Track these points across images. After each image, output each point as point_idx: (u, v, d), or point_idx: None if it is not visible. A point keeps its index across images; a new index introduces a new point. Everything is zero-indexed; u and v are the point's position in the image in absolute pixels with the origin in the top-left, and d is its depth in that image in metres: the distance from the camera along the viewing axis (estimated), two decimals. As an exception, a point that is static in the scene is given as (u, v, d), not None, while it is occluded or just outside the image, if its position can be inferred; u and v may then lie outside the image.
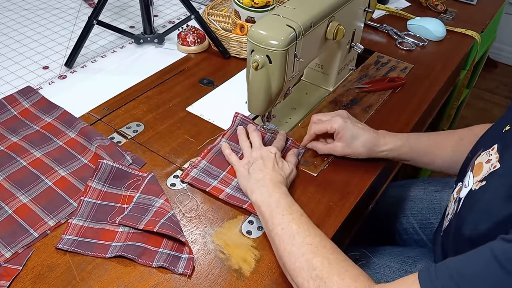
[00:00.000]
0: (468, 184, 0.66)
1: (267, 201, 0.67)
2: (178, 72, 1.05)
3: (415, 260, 0.84)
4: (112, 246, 0.66)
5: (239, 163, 0.77)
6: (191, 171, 0.78)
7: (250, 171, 0.73)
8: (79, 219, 0.69)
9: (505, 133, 0.63)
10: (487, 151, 0.64)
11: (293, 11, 0.77)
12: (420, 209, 0.96)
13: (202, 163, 0.79)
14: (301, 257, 0.59)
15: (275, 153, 0.76)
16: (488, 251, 0.48)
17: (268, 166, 0.72)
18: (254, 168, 0.73)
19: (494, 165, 0.61)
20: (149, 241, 0.67)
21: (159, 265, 0.64)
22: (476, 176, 0.64)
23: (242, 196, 0.74)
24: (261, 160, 0.74)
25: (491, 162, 0.62)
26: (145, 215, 0.69)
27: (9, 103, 0.90)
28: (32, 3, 1.31)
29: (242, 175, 0.74)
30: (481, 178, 0.62)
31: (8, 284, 0.61)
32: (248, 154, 0.77)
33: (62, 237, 0.66)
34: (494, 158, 0.61)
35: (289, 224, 0.63)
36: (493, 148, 0.63)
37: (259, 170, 0.72)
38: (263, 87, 0.78)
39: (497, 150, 0.62)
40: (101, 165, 0.73)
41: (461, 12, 1.36)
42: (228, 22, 1.19)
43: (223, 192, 0.75)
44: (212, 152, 0.81)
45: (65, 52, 1.10)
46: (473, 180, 0.65)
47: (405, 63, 1.11)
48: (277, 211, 0.65)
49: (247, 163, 0.76)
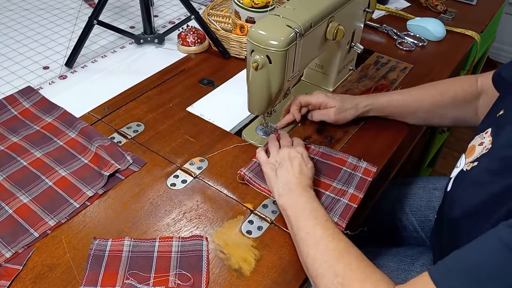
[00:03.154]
0: (459, 165, 0.67)
1: (294, 205, 0.66)
2: (178, 72, 1.05)
3: (413, 259, 0.84)
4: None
5: (266, 162, 0.76)
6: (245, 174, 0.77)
7: (278, 173, 0.72)
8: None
9: (498, 117, 0.65)
10: (481, 134, 0.66)
11: (293, 11, 0.77)
12: (420, 206, 0.97)
13: (247, 173, 0.78)
14: (324, 264, 0.59)
15: (302, 153, 0.75)
16: (497, 240, 0.48)
17: (296, 168, 0.71)
18: (281, 170, 0.72)
19: (486, 147, 0.62)
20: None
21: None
22: (468, 157, 0.66)
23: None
24: (288, 161, 0.72)
25: (484, 145, 0.63)
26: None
27: (9, 103, 0.90)
28: (33, 3, 1.31)
29: (269, 176, 0.73)
30: (473, 159, 0.63)
31: (8, 284, 0.61)
32: (275, 153, 0.76)
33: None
34: (488, 141, 0.63)
35: (314, 228, 0.62)
36: (487, 132, 0.65)
37: (287, 172, 0.71)
38: (263, 87, 0.78)
39: (491, 134, 0.63)
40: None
41: (461, 12, 1.37)
42: (228, 23, 1.19)
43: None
44: (255, 165, 0.79)
45: (65, 52, 1.10)
46: (464, 161, 0.66)
47: (404, 63, 1.11)
48: (303, 214, 0.64)
49: (274, 162, 0.74)
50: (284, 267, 0.65)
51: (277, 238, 0.69)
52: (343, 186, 0.77)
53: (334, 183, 0.77)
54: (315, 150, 0.84)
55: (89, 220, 0.71)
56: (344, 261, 0.58)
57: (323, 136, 0.89)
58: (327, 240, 0.60)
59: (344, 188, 0.77)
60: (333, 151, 0.83)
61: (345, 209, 0.73)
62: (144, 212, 0.72)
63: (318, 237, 0.61)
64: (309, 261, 0.60)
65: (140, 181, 0.77)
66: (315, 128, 0.91)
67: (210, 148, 0.85)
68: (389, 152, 0.86)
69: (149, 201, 0.74)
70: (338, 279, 0.56)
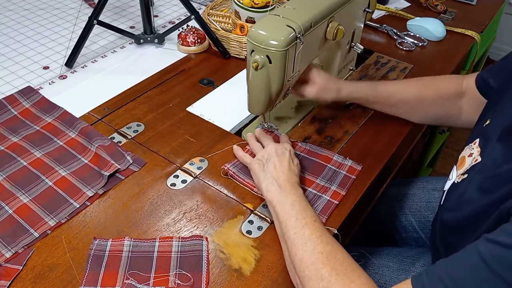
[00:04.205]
0: (451, 178, 0.67)
1: (283, 202, 0.66)
2: (178, 72, 1.05)
3: (414, 260, 0.84)
4: None
5: (253, 160, 0.76)
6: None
7: (266, 168, 0.72)
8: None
9: (485, 127, 0.65)
10: (470, 145, 0.67)
11: (293, 12, 0.77)
12: (419, 207, 0.97)
13: (232, 168, 0.79)
14: (311, 266, 0.59)
15: (290, 149, 0.75)
16: (476, 253, 0.48)
17: (284, 164, 0.71)
18: (269, 165, 0.72)
19: (475, 158, 0.63)
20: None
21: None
22: (459, 169, 0.66)
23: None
24: (276, 157, 0.73)
25: (473, 156, 0.64)
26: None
27: (9, 103, 0.90)
28: (33, 3, 1.31)
29: (257, 172, 0.73)
30: (463, 171, 0.64)
31: (8, 284, 0.61)
32: (262, 150, 0.76)
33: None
34: (476, 152, 0.63)
35: (302, 229, 0.62)
36: (475, 142, 0.65)
37: (274, 168, 0.71)
38: (263, 87, 0.78)
39: (479, 144, 0.63)
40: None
41: (461, 12, 1.37)
42: (228, 23, 1.19)
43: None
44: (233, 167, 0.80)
45: (65, 52, 1.10)
46: (456, 174, 0.67)
47: (404, 63, 1.11)
48: (292, 213, 0.64)
49: (262, 158, 0.74)
50: (284, 267, 0.65)
51: (277, 238, 0.69)
52: (326, 183, 0.78)
53: (318, 179, 0.78)
54: (302, 147, 0.84)
55: (89, 220, 0.71)
56: (330, 264, 0.58)
57: (323, 136, 0.89)
58: (315, 242, 0.60)
59: (327, 185, 0.78)
60: (319, 149, 0.84)
61: (326, 205, 0.74)
62: (144, 212, 0.72)
63: (306, 238, 0.61)
64: (296, 261, 0.61)
65: (140, 181, 0.77)
66: (315, 128, 0.91)
67: (210, 148, 0.85)
68: (389, 152, 0.86)
69: (149, 201, 0.74)
70: (323, 283, 0.57)
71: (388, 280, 0.82)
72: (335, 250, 0.60)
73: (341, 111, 0.95)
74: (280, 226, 0.65)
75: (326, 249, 0.60)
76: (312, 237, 0.61)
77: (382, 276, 0.83)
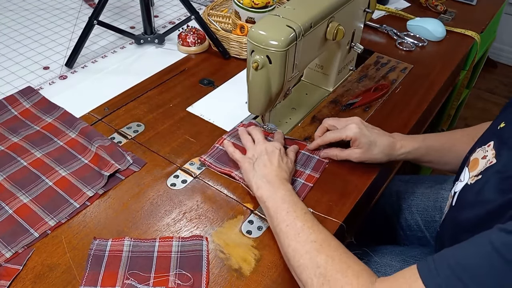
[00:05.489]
0: (463, 179, 0.67)
1: (273, 197, 0.67)
2: (179, 73, 1.05)
3: (417, 259, 0.84)
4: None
5: (243, 158, 0.76)
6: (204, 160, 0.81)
7: (255, 166, 0.73)
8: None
9: (500, 130, 0.65)
10: (483, 147, 0.66)
11: (293, 12, 0.77)
12: (426, 206, 0.96)
13: (208, 159, 0.81)
14: (305, 255, 0.59)
15: (280, 148, 0.76)
16: (487, 242, 0.48)
17: (274, 162, 0.73)
18: (259, 164, 0.73)
19: (490, 160, 0.62)
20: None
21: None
22: (471, 171, 0.65)
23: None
24: (266, 155, 0.74)
25: (487, 158, 0.63)
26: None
27: (9, 103, 0.90)
28: (33, 3, 1.31)
29: (247, 170, 0.74)
30: (477, 173, 0.63)
31: (8, 284, 0.61)
32: (252, 148, 0.77)
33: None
34: (491, 154, 0.63)
35: (294, 221, 0.63)
36: (489, 145, 0.64)
37: (264, 166, 0.72)
38: (263, 88, 0.78)
39: (493, 147, 0.63)
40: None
41: (461, 12, 1.37)
42: (228, 23, 1.20)
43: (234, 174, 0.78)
44: (216, 150, 0.82)
45: (65, 53, 1.10)
46: (468, 175, 0.66)
47: (404, 63, 1.11)
48: (282, 207, 0.65)
49: (252, 156, 0.76)
50: (284, 267, 0.65)
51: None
52: (300, 167, 0.81)
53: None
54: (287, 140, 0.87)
55: (89, 220, 0.71)
56: (325, 252, 0.59)
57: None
58: (308, 232, 0.61)
59: (301, 169, 0.81)
60: (296, 139, 0.87)
61: (301, 188, 0.77)
62: (144, 212, 0.72)
63: (298, 229, 0.62)
64: (290, 252, 0.61)
65: (140, 181, 0.77)
66: (315, 128, 0.90)
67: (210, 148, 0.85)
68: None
69: (149, 201, 0.74)
70: (320, 269, 0.57)
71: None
72: (329, 238, 0.61)
73: (341, 111, 0.95)
74: (272, 220, 0.66)
75: (319, 237, 0.61)
76: (304, 227, 0.62)
77: (384, 275, 0.82)
